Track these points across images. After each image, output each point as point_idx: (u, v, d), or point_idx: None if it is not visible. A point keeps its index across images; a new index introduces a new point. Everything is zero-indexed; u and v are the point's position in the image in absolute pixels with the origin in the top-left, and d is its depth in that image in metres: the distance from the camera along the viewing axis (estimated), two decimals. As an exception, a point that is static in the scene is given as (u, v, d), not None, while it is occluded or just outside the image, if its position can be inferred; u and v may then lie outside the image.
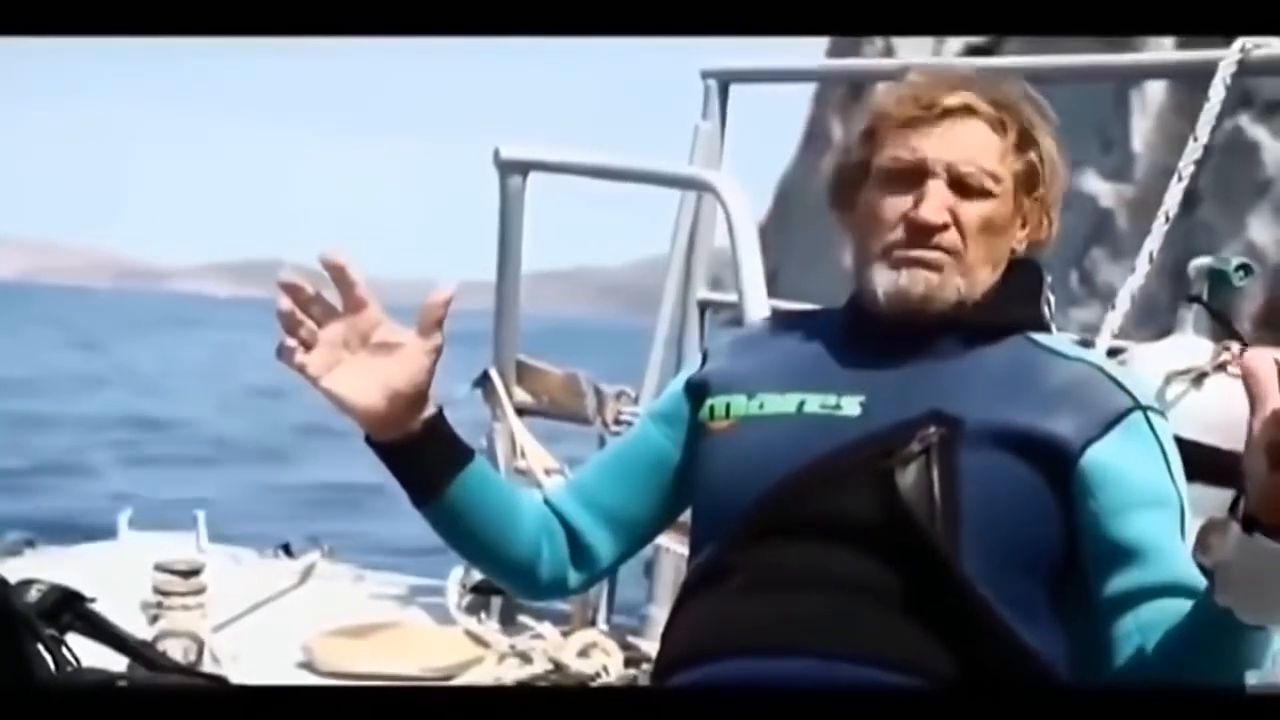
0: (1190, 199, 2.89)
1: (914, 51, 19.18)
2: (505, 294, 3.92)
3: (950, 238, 1.98)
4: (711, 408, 2.06)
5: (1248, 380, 1.66)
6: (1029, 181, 2.03)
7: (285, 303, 1.87)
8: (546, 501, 2.13)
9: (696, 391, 2.10)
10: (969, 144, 2.00)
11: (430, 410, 1.94)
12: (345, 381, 1.89)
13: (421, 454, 1.96)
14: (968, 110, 2.00)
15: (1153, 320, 2.84)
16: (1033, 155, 2.03)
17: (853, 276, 2.06)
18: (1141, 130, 41.01)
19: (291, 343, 1.88)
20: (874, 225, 2.01)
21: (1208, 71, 2.88)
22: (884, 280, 1.99)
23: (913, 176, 1.99)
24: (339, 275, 1.88)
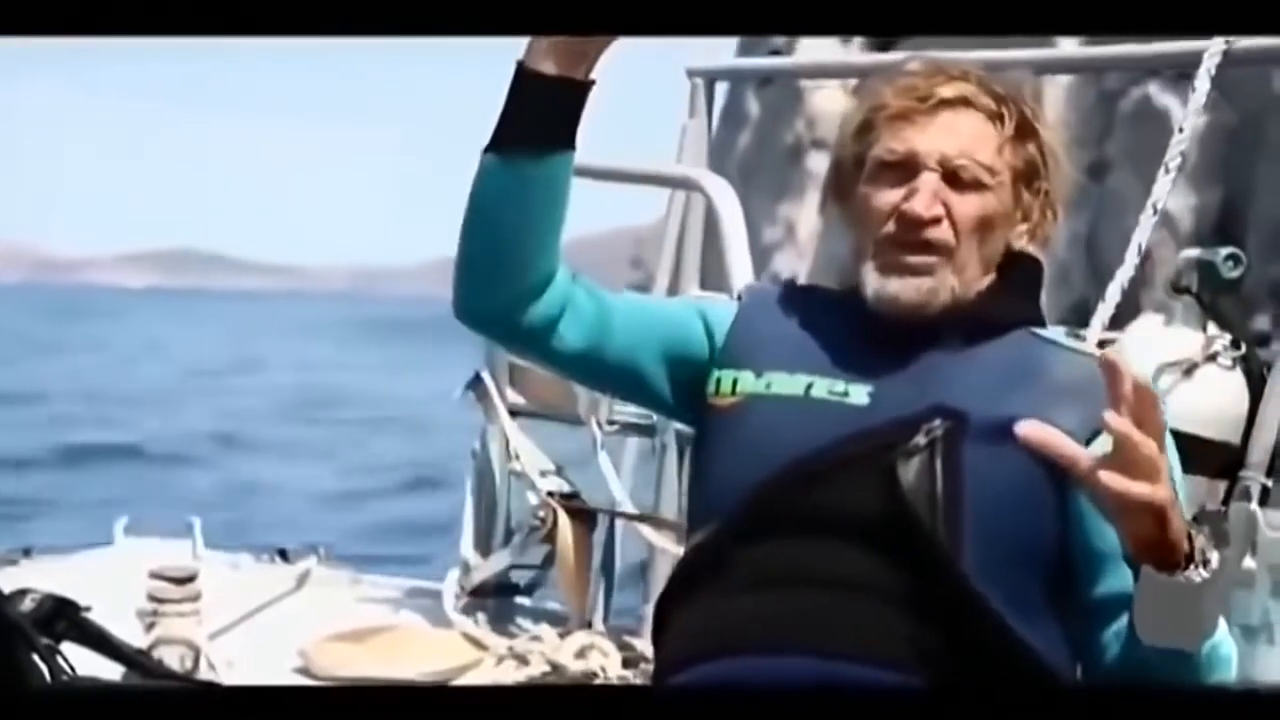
0: (1100, 168, 2.92)
1: (818, 49, 19.07)
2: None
3: (942, 232, 1.97)
4: (719, 381, 2.04)
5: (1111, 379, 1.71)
6: (1028, 174, 2.01)
7: None
8: (577, 280, 2.04)
9: (721, 360, 2.05)
10: (964, 136, 1.98)
11: (589, 78, 1.93)
12: None
13: (551, 103, 1.92)
14: (964, 102, 1.99)
15: (1067, 291, 2.86)
16: (1032, 147, 2.01)
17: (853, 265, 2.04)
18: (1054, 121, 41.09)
19: None
20: (867, 218, 2.00)
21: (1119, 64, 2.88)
22: (874, 284, 1.99)
23: (905, 169, 1.98)
24: None
